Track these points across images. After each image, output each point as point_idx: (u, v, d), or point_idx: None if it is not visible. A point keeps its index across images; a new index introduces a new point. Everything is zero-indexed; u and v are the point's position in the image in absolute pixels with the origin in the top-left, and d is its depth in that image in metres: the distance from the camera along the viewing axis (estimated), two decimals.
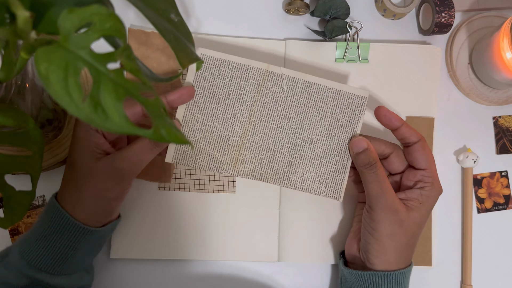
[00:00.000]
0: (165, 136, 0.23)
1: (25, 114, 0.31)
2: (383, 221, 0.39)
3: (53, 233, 0.37)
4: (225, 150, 0.41)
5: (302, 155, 0.42)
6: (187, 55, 0.32)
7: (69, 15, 0.22)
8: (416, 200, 0.40)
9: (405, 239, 0.39)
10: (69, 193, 0.38)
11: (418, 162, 0.40)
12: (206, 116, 0.41)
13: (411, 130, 0.40)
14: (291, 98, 0.42)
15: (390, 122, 0.40)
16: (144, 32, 0.48)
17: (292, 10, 0.50)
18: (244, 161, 0.42)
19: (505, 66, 0.46)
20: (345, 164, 0.42)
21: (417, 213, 0.39)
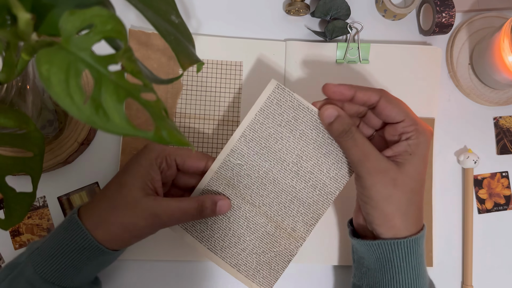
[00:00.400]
0: (166, 138, 0.23)
1: (26, 115, 0.31)
2: (374, 185, 0.36)
3: (72, 252, 0.37)
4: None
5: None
6: (187, 57, 0.32)
7: (70, 17, 0.22)
8: (405, 153, 0.36)
9: (405, 198, 0.36)
10: (98, 211, 0.38)
11: (391, 117, 0.37)
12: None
13: (367, 91, 0.37)
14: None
15: (342, 95, 0.38)
16: (144, 33, 0.48)
17: (293, 11, 0.50)
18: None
19: (506, 66, 0.46)
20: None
21: (410, 165, 0.36)
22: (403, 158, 0.37)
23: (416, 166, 0.36)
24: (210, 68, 0.49)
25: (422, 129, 0.37)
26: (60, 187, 0.48)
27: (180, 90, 0.49)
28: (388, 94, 0.38)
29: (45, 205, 0.48)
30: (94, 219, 0.37)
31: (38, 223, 0.48)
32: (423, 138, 0.37)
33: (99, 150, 0.49)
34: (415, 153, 0.36)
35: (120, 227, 0.37)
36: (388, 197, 0.36)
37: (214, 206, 0.39)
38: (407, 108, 0.38)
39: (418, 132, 0.37)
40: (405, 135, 0.37)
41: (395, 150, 0.37)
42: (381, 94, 0.37)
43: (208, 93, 0.49)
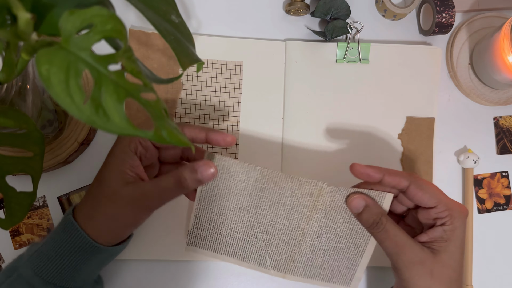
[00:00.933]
0: (166, 138, 0.23)
1: (26, 115, 0.31)
2: (412, 278, 0.35)
3: (70, 253, 0.37)
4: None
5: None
6: (187, 57, 0.32)
7: (70, 17, 0.22)
8: (441, 239, 0.36)
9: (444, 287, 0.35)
10: (86, 209, 0.38)
11: (423, 203, 0.37)
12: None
13: (396, 176, 0.37)
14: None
15: (369, 177, 0.37)
16: (144, 33, 0.48)
17: (293, 11, 0.50)
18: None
19: (506, 66, 0.46)
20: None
21: (447, 253, 0.35)
22: (439, 245, 0.36)
23: (453, 253, 0.36)
24: (210, 68, 0.49)
25: (457, 214, 0.36)
26: (60, 187, 0.48)
27: (180, 90, 0.49)
28: (418, 179, 0.37)
29: (45, 205, 0.48)
30: (84, 217, 0.38)
31: (38, 223, 0.48)
32: (459, 223, 0.36)
33: (99, 150, 0.49)
34: (451, 239, 0.36)
35: (107, 220, 0.37)
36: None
37: (194, 174, 0.36)
38: (439, 192, 0.37)
39: (453, 217, 0.36)
40: (440, 220, 0.36)
41: (430, 236, 0.36)
42: (411, 180, 0.37)
43: (208, 93, 0.49)
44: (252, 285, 0.49)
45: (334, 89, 0.50)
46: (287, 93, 0.50)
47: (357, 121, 0.50)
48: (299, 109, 0.50)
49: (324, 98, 0.50)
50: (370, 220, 0.36)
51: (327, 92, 0.50)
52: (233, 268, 0.49)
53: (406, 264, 0.35)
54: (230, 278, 0.49)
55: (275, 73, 0.50)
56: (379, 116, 0.50)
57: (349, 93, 0.50)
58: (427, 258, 0.35)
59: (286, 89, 0.50)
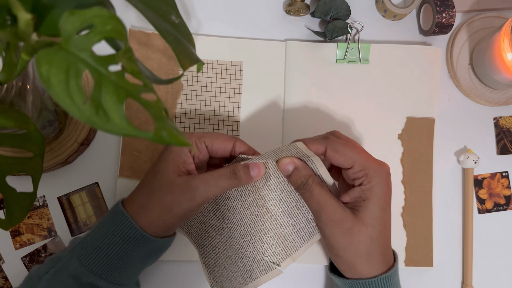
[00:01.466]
0: (166, 138, 0.23)
1: (26, 115, 0.31)
2: (332, 235, 0.37)
3: (118, 242, 0.37)
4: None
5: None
6: (187, 57, 0.32)
7: (70, 17, 0.22)
8: (360, 198, 0.37)
9: (363, 245, 0.37)
10: (139, 198, 0.39)
11: (340, 165, 0.38)
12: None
13: (313, 144, 0.38)
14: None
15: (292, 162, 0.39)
16: (144, 33, 0.48)
17: (293, 11, 0.50)
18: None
19: (506, 66, 0.46)
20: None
21: (365, 212, 0.37)
22: (358, 204, 0.37)
23: (371, 211, 0.37)
24: (210, 68, 0.49)
25: (373, 172, 0.37)
26: (60, 187, 0.48)
27: (180, 90, 0.49)
28: (334, 142, 0.38)
29: (45, 205, 0.48)
30: (136, 206, 0.38)
31: (38, 222, 0.48)
32: (376, 181, 0.37)
33: (99, 150, 0.49)
34: (369, 198, 0.37)
35: (160, 208, 0.37)
36: (347, 246, 0.37)
37: (246, 168, 0.38)
38: (355, 152, 0.38)
39: (369, 176, 0.37)
40: (357, 180, 0.38)
41: (351, 196, 0.38)
42: (327, 144, 0.38)
43: (208, 93, 0.49)
44: None
45: (334, 89, 0.50)
46: (287, 93, 0.50)
47: (357, 121, 0.50)
48: (299, 109, 0.50)
49: (324, 98, 0.50)
50: (298, 182, 0.38)
51: (327, 92, 0.50)
52: None
53: (326, 222, 0.37)
54: None
55: (275, 73, 0.50)
56: (379, 116, 0.50)
57: (349, 93, 0.50)
58: (347, 217, 0.37)
59: (286, 89, 0.50)
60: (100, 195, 0.48)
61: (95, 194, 0.48)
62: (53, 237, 0.48)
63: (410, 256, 0.49)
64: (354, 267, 0.38)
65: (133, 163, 0.48)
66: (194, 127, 0.49)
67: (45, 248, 0.48)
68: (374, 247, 0.37)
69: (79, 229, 0.48)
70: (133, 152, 0.48)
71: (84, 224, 0.48)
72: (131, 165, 0.48)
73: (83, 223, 0.48)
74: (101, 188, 0.48)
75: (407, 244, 0.49)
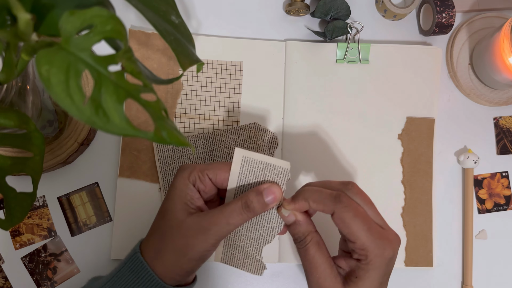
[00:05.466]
0: (166, 138, 0.23)
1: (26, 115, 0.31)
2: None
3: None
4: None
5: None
6: (187, 57, 0.32)
7: (70, 18, 0.22)
8: (354, 273, 0.35)
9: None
10: (152, 244, 0.37)
11: (343, 234, 0.35)
12: (251, 222, 0.39)
13: (320, 204, 0.35)
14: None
15: (300, 210, 0.37)
16: (144, 33, 0.48)
17: (293, 11, 0.50)
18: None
19: (506, 67, 0.46)
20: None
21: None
22: (350, 279, 0.35)
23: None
24: (210, 68, 0.49)
25: (373, 256, 0.34)
26: (60, 187, 0.48)
27: (180, 90, 0.49)
28: (343, 210, 0.34)
29: (45, 205, 0.48)
30: (152, 252, 0.37)
31: (38, 222, 0.48)
32: (375, 266, 0.34)
33: (99, 150, 0.49)
34: (361, 278, 0.35)
35: (175, 253, 0.36)
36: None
37: (259, 196, 0.36)
38: (361, 228, 0.34)
39: (368, 259, 0.34)
40: (356, 255, 0.35)
41: (348, 264, 0.36)
42: (335, 209, 0.35)
43: (208, 93, 0.49)
44: (252, 285, 0.49)
45: (334, 90, 0.50)
46: (287, 93, 0.50)
47: (357, 121, 0.50)
48: (299, 109, 0.50)
49: (324, 99, 0.50)
50: (296, 236, 0.37)
51: (327, 93, 0.50)
52: (233, 268, 0.49)
53: (312, 285, 0.36)
54: (230, 278, 0.49)
55: (275, 73, 0.50)
56: (379, 116, 0.50)
57: (349, 93, 0.50)
58: (334, 287, 0.35)
59: (286, 89, 0.50)
60: (100, 195, 0.48)
61: (95, 194, 0.48)
62: (53, 237, 0.48)
63: (410, 256, 0.49)
64: None
65: (133, 163, 0.48)
66: (194, 127, 0.49)
67: (45, 248, 0.48)
68: None
69: (79, 229, 0.48)
70: (133, 152, 0.48)
71: (84, 224, 0.48)
72: (131, 165, 0.48)
73: (83, 223, 0.48)
74: (101, 188, 0.48)
75: (407, 244, 0.49)
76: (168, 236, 0.36)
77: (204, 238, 0.35)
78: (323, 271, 0.35)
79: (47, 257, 0.48)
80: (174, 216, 0.36)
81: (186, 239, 0.35)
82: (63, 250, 0.48)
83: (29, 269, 0.47)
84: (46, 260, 0.48)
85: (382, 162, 0.50)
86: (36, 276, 0.47)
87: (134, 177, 0.48)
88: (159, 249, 0.36)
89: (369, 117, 0.50)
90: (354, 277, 0.35)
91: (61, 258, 0.48)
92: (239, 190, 0.38)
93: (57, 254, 0.48)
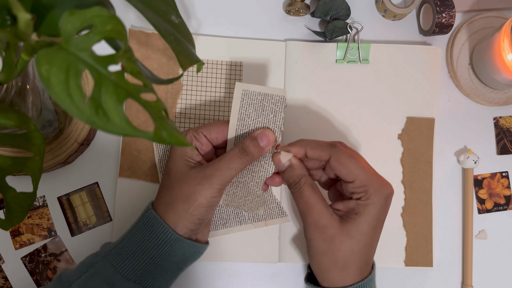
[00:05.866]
0: (166, 138, 0.23)
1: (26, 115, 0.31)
2: (312, 238, 0.37)
3: (153, 248, 0.37)
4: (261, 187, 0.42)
5: None
6: (187, 57, 0.32)
7: (70, 17, 0.22)
8: (353, 211, 0.37)
9: (342, 256, 0.36)
10: (163, 198, 0.39)
11: (341, 177, 0.38)
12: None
13: (317, 150, 0.38)
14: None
15: (297, 154, 0.39)
16: (144, 33, 0.48)
17: (293, 11, 0.50)
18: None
19: (506, 67, 0.46)
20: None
21: (354, 225, 0.36)
22: (349, 216, 0.37)
23: (361, 226, 0.36)
24: (210, 68, 0.49)
25: (373, 190, 0.36)
26: (60, 187, 0.48)
27: (180, 90, 0.49)
28: (339, 152, 0.37)
29: (45, 205, 0.48)
30: (163, 205, 0.39)
31: (38, 222, 0.48)
32: (374, 200, 0.36)
33: (99, 150, 0.49)
34: (361, 214, 0.36)
35: (184, 201, 0.37)
36: (324, 252, 0.37)
37: (255, 141, 0.38)
38: (359, 167, 0.37)
39: (368, 193, 0.36)
40: (355, 195, 0.37)
41: (345, 205, 0.38)
42: (332, 153, 0.37)
43: (208, 93, 0.49)
44: (252, 285, 0.49)
45: (334, 89, 0.50)
46: (287, 93, 0.50)
47: (357, 121, 0.50)
48: (299, 109, 0.50)
49: (324, 98, 0.50)
50: (290, 180, 0.38)
51: (327, 92, 0.50)
52: (233, 268, 0.49)
53: (310, 225, 0.37)
54: (230, 278, 0.49)
55: (275, 73, 0.50)
56: (379, 116, 0.50)
57: (349, 93, 0.50)
58: (332, 224, 0.36)
59: (286, 89, 0.50)
60: (100, 195, 0.48)
61: (95, 194, 0.48)
62: (53, 237, 0.48)
63: (410, 256, 0.49)
64: (327, 273, 0.38)
65: (133, 163, 0.48)
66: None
67: (45, 248, 0.48)
68: (352, 260, 0.37)
69: (79, 229, 0.48)
70: (133, 152, 0.48)
71: (84, 224, 0.48)
72: (131, 165, 0.48)
73: (83, 223, 0.48)
74: (101, 188, 0.48)
75: (407, 244, 0.49)
76: (176, 188, 0.38)
77: (209, 184, 0.37)
78: (319, 210, 0.37)
79: (47, 257, 0.48)
80: (178, 171, 0.39)
81: (193, 187, 0.37)
82: (63, 250, 0.48)
83: (29, 269, 0.47)
84: (46, 260, 0.48)
85: (382, 162, 0.50)
86: (36, 276, 0.47)
87: (134, 177, 0.48)
88: (169, 201, 0.38)
89: (369, 117, 0.50)
90: (353, 214, 0.37)
91: (61, 258, 0.48)
92: (238, 137, 0.41)
93: (57, 254, 0.48)
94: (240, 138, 0.41)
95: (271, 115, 0.41)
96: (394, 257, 0.49)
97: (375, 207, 0.36)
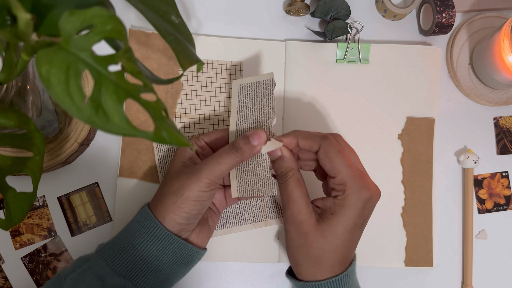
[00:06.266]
0: (166, 138, 0.23)
1: (26, 115, 0.31)
2: (289, 232, 0.38)
3: (143, 242, 0.38)
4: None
5: None
6: (187, 57, 0.32)
7: (70, 17, 0.22)
8: (329, 210, 0.36)
9: (315, 253, 0.36)
10: (156, 196, 0.41)
11: (326, 170, 0.37)
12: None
13: (308, 140, 0.38)
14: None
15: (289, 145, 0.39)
16: (144, 33, 0.48)
17: (293, 11, 0.50)
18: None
19: (506, 67, 0.46)
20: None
21: (328, 225, 0.36)
22: (325, 215, 0.37)
23: (334, 227, 0.36)
24: (210, 68, 0.49)
25: (352, 191, 0.35)
26: (60, 187, 0.48)
27: (180, 90, 0.49)
28: (328, 145, 0.37)
29: (45, 205, 0.48)
30: (153, 204, 0.40)
31: (38, 222, 0.48)
32: (351, 201, 0.35)
33: (99, 150, 0.49)
34: (337, 215, 0.36)
35: (172, 195, 0.38)
36: (299, 247, 0.37)
37: (246, 139, 0.38)
38: (343, 164, 0.36)
39: (346, 193, 0.35)
40: (333, 192, 0.37)
41: (323, 203, 0.38)
42: (321, 145, 0.37)
43: (208, 93, 0.49)
44: (252, 285, 0.49)
45: (334, 89, 0.50)
46: (287, 93, 0.50)
47: (357, 121, 0.50)
48: (299, 109, 0.50)
49: (324, 98, 0.50)
50: (279, 171, 0.39)
51: (327, 92, 0.50)
52: (233, 268, 0.49)
53: (288, 218, 0.38)
54: (230, 278, 0.49)
55: (275, 73, 0.50)
56: (379, 116, 0.50)
57: (349, 93, 0.50)
58: (308, 222, 0.37)
59: (286, 89, 0.50)
60: (100, 195, 0.48)
61: (95, 194, 0.48)
62: (53, 237, 0.48)
63: (410, 256, 0.49)
64: (300, 266, 0.38)
65: (133, 163, 0.48)
66: (194, 127, 0.49)
67: (45, 248, 0.48)
68: (325, 258, 0.37)
69: (79, 229, 0.48)
70: (133, 152, 0.48)
71: (84, 224, 0.48)
72: (131, 165, 0.48)
73: (83, 223, 0.48)
74: (101, 188, 0.48)
75: (407, 244, 0.49)
76: (168, 185, 0.39)
77: (197, 178, 0.38)
78: (299, 205, 0.37)
79: (47, 257, 0.48)
80: (173, 171, 0.40)
81: (182, 182, 0.38)
82: (63, 250, 0.48)
83: (29, 269, 0.47)
84: (46, 260, 0.48)
85: (382, 162, 0.50)
86: (36, 276, 0.47)
87: (134, 177, 0.48)
88: (160, 197, 0.39)
89: (369, 117, 0.50)
90: (329, 213, 0.37)
91: (61, 258, 0.48)
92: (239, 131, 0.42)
93: (57, 254, 0.48)
94: (241, 132, 0.42)
95: (264, 99, 0.42)
96: (394, 257, 0.49)
97: (351, 210, 0.36)
